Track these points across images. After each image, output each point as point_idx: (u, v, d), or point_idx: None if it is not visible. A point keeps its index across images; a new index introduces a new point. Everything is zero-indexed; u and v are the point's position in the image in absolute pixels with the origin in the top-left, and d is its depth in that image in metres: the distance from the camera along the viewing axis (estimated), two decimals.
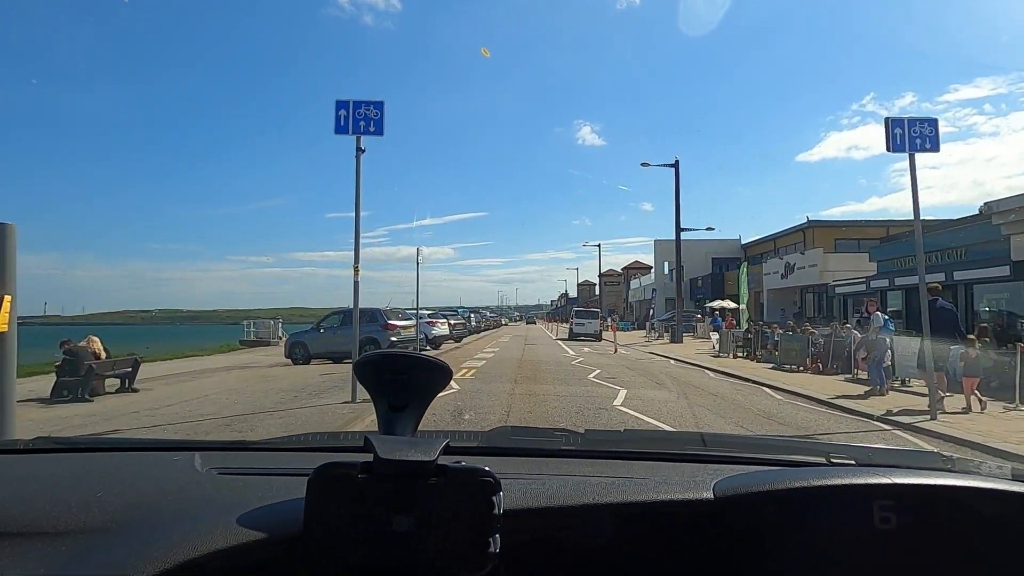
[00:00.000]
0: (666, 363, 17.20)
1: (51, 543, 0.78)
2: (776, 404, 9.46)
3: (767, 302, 36.05)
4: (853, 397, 9.93)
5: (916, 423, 7.54)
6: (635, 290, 57.37)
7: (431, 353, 11.61)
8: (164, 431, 6.81)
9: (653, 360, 18.32)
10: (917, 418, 7.83)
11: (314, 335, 16.72)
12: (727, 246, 48.61)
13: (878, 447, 1.47)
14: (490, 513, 0.71)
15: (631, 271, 68.56)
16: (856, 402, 9.45)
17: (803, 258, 32.18)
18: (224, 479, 1.02)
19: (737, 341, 19.56)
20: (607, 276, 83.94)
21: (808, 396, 10.10)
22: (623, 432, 1.84)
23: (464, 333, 31.22)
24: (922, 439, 6.84)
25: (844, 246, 33.76)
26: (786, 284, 33.81)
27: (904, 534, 0.84)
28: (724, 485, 0.92)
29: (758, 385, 11.66)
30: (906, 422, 7.63)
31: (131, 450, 1.33)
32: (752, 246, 46.25)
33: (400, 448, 0.72)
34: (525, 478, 0.97)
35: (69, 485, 0.99)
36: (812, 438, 6.55)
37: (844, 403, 9.27)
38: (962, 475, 0.94)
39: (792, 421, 7.93)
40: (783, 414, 8.49)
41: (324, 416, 7.56)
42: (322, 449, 1.30)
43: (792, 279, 33.19)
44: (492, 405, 8.52)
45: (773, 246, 42.97)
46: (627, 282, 67.43)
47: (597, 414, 7.87)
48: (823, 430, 7.34)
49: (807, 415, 8.47)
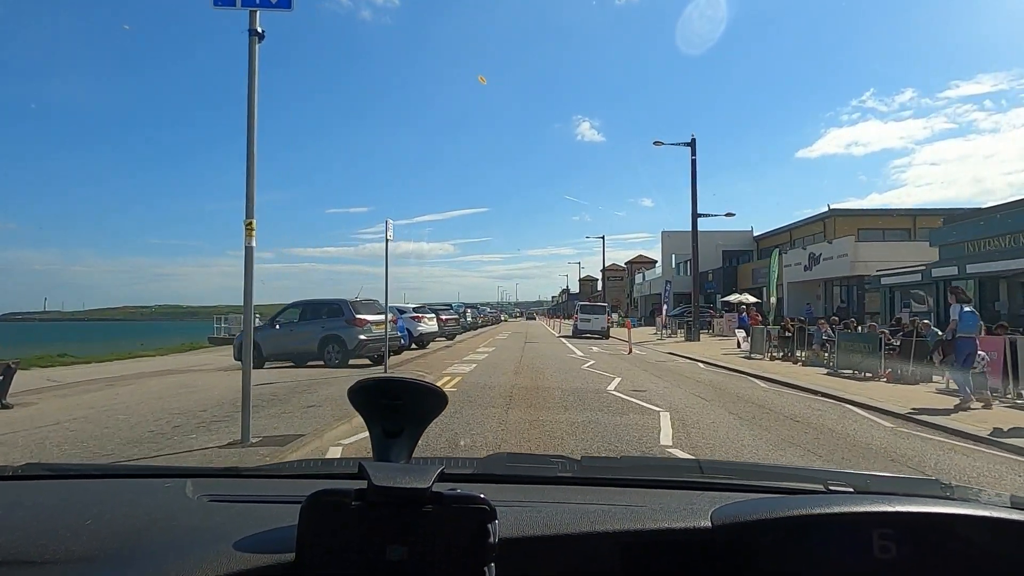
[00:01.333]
0: (694, 367, 14.31)
1: (39, 572, 0.77)
2: (889, 435, 6.56)
3: (787, 296, 33.31)
4: (943, 413, 7.04)
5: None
6: (640, 285, 54.20)
7: (416, 352, 7.68)
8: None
9: (678, 363, 15.43)
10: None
11: (268, 332, 13.70)
12: (738, 238, 45.73)
13: (876, 474, 1.37)
14: (485, 541, 0.69)
15: (635, 265, 65.48)
16: (957, 420, 6.58)
17: (831, 248, 29.30)
18: (216, 506, 1.00)
19: (772, 340, 16.71)
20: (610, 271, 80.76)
21: (918, 420, 7.23)
22: (620, 459, 1.79)
23: (457, 330, 28.31)
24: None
25: (867, 236, 31.09)
26: (809, 276, 30.97)
27: (903, 563, 0.83)
28: (722, 513, 0.90)
29: (837, 401, 8.77)
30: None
31: (122, 476, 1.33)
32: (766, 238, 43.44)
33: (394, 475, 0.71)
34: (521, 506, 0.95)
35: (58, 513, 0.98)
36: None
37: (963, 426, 6.39)
38: (961, 503, 0.93)
39: (947, 468, 5.05)
40: (913, 452, 5.62)
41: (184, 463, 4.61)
42: (315, 476, 1.30)
43: (817, 271, 30.35)
44: (473, 445, 5.64)
45: (789, 237, 40.26)
46: (631, 277, 64.35)
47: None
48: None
49: (954, 457, 5.58)
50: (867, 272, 27.11)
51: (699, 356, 16.71)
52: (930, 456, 5.55)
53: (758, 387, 10.45)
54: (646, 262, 66.02)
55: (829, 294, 31.89)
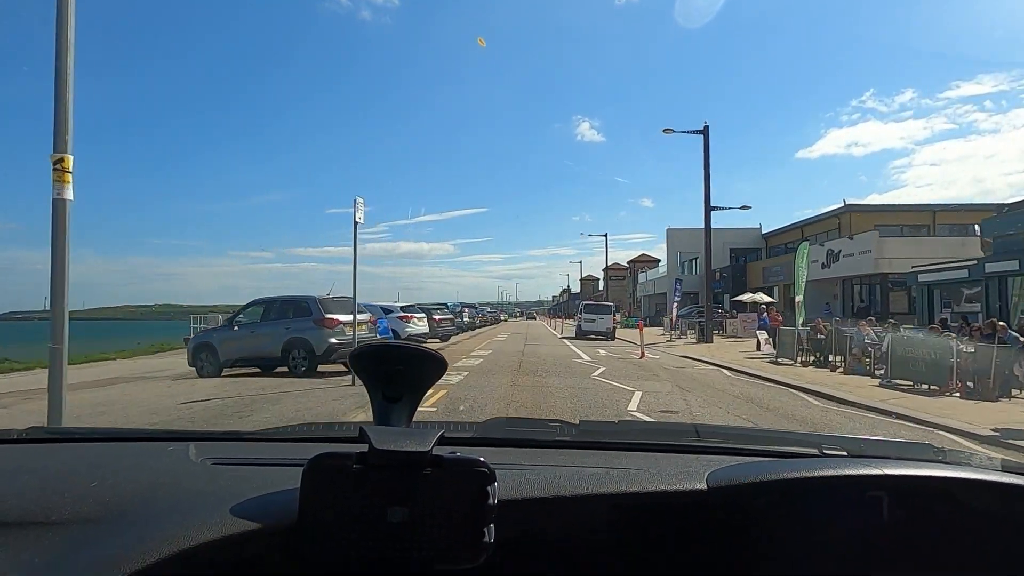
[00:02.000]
0: (720, 375, 12.45)
1: (45, 534, 0.77)
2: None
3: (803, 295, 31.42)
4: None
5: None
6: (643, 284, 52.34)
7: None
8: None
9: (699, 370, 13.57)
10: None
11: (225, 334, 11.81)
12: (746, 236, 43.86)
13: (870, 438, 1.36)
14: (485, 503, 0.70)
15: (638, 265, 63.64)
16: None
17: (852, 244, 27.46)
18: (218, 469, 1.00)
19: (802, 344, 14.86)
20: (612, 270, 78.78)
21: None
22: (617, 423, 1.73)
23: (452, 331, 26.41)
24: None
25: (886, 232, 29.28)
26: (827, 275, 29.12)
27: (896, 525, 0.84)
28: (717, 476, 0.90)
29: (925, 427, 6.90)
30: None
31: (125, 440, 1.31)
32: (775, 235, 41.61)
33: (395, 438, 0.71)
34: (519, 469, 0.95)
35: (63, 475, 0.97)
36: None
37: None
38: (954, 466, 0.93)
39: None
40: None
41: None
42: (317, 439, 1.30)
43: (835, 268, 28.49)
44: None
45: (801, 234, 38.51)
46: (634, 276, 62.50)
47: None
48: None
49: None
50: (890, 269, 25.30)
51: (720, 360, 14.85)
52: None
53: (810, 405, 8.57)
54: (648, 261, 64.20)
55: (848, 293, 30.06)
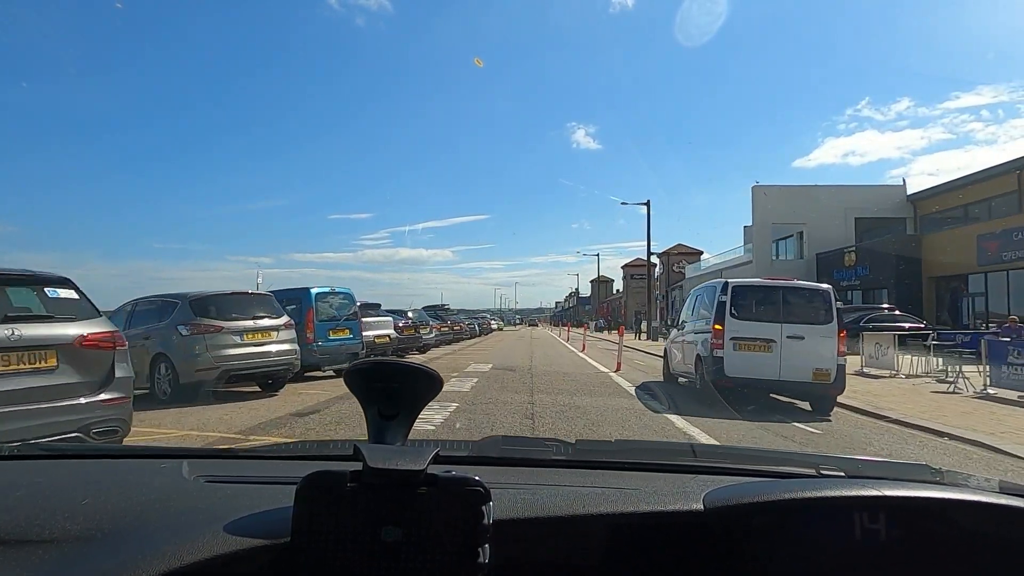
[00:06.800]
0: None
1: (36, 551, 0.77)
2: None
3: (1011, 288, 18.37)
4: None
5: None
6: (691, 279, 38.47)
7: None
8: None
9: None
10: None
11: None
12: (880, 197, 29.45)
13: (868, 459, 1.27)
14: (480, 523, 0.69)
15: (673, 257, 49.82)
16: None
17: None
18: (212, 487, 1.00)
19: None
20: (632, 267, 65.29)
21: None
22: (614, 443, 1.63)
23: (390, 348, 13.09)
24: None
25: None
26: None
27: (893, 547, 0.84)
28: (714, 496, 0.89)
29: None
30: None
31: (118, 457, 1.31)
32: (926, 198, 27.58)
33: (389, 457, 0.70)
34: (515, 488, 0.94)
35: (54, 493, 0.97)
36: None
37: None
38: (951, 488, 0.92)
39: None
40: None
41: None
42: (311, 457, 1.29)
43: None
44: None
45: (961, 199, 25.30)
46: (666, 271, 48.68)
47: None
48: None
49: None
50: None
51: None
52: None
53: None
54: (688, 252, 50.70)
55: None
